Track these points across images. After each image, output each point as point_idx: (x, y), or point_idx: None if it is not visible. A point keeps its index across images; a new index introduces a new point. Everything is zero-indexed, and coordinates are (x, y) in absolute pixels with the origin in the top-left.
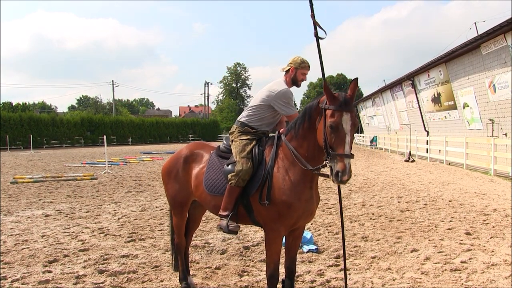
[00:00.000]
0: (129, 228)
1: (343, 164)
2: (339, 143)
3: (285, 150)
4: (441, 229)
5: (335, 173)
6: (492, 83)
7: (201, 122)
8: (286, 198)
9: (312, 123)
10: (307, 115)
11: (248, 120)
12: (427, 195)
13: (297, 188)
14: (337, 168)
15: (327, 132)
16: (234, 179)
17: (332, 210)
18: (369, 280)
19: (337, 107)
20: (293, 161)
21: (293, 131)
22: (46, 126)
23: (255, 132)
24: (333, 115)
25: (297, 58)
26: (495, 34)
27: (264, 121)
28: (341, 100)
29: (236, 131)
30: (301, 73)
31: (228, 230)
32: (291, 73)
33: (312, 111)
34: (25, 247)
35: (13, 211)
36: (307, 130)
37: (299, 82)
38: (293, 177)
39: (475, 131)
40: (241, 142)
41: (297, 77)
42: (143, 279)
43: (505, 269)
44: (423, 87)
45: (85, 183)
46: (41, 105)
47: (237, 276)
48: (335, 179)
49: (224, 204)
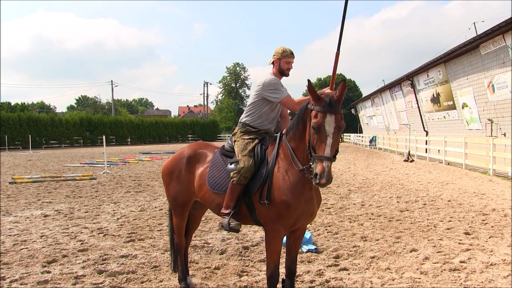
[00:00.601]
0: (128, 228)
1: (322, 167)
2: (320, 145)
3: (285, 150)
4: (440, 229)
5: (314, 175)
6: (491, 83)
7: (200, 122)
8: (285, 198)
9: (305, 124)
10: (300, 116)
11: (248, 120)
12: (426, 195)
13: (296, 188)
14: (316, 170)
15: (310, 133)
16: (236, 176)
17: (331, 210)
18: (368, 280)
19: (321, 108)
20: (292, 161)
21: (292, 132)
22: (45, 126)
23: (257, 131)
24: (317, 116)
25: (279, 49)
26: (494, 35)
27: (263, 117)
28: (326, 101)
29: (239, 132)
30: (285, 62)
31: (229, 228)
32: (276, 65)
33: (303, 112)
34: (24, 248)
35: (11, 211)
36: (301, 131)
37: (285, 72)
38: (292, 177)
39: (474, 131)
40: (243, 142)
41: (282, 67)
42: (142, 279)
43: (504, 269)
44: (422, 87)
45: (84, 183)
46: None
47: (236, 276)
48: (314, 181)
49: (226, 202)
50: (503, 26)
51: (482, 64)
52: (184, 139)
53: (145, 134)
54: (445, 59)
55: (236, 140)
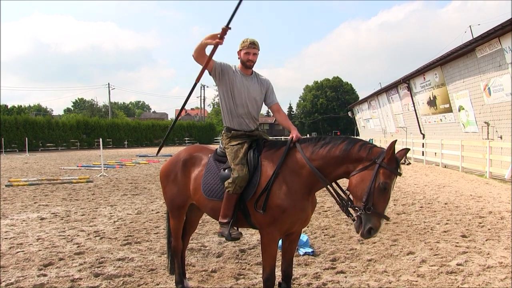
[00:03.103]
0: (125, 231)
1: (379, 224)
2: (383, 203)
3: (295, 158)
4: (437, 232)
5: (368, 229)
6: (487, 86)
7: (197, 125)
8: (281, 203)
9: (346, 159)
10: (344, 150)
11: (226, 121)
12: (423, 197)
13: (294, 196)
14: (371, 225)
15: (375, 189)
16: (231, 186)
17: (328, 213)
18: (365, 283)
19: (393, 170)
20: (297, 170)
21: (312, 147)
22: (41, 128)
23: (243, 134)
24: (388, 177)
25: (242, 40)
26: (489, 38)
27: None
28: (397, 164)
29: (225, 137)
30: (244, 53)
31: (231, 238)
32: (238, 56)
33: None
34: (20, 251)
35: (8, 214)
36: (333, 157)
37: (246, 63)
38: (292, 185)
39: (471, 134)
40: (232, 149)
41: (242, 58)
42: (138, 282)
43: (500, 272)
44: (418, 90)
45: (80, 186)
46: (36, 108)
47: (233, 279)
48: (366, 234)
49: (223, 211)
50: (498, 29)
51: (478, 67)
52: (181, 142)
53: (142, 137)
54: (441, 62)
55: (225, 147)
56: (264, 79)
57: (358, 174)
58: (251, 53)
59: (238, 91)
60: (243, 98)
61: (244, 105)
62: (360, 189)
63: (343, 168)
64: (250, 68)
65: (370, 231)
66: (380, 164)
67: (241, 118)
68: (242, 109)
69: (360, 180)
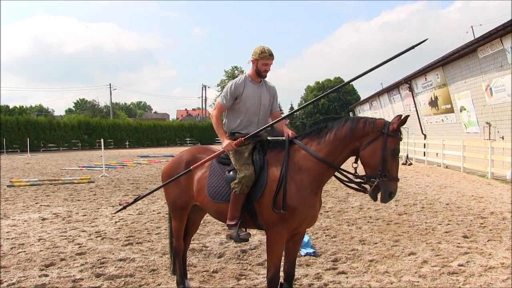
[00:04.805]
0: (126, 232)
1: (396, 187)
2: (395, 168)
3: (298, 154)
4: (438, 232)
5: (389, 193)
6: (488, 87)
7: (198, 126)
8: (291, 202)
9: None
10: (349, 129)
11: (230, 127)
12: (424, 198)
13: (303, 192)
14: (391, 189)
15: (388, 156)
16: (237, 186)
17: (329, 214)
18: (366, 283)
19: (399, 137)
20: (303, 165)
21: (317, 138)
22: (43, 129)
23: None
24: (396, 143)
25: (257, 49)
26: (491, 38)
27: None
28: (400, 131)
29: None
30: (262, 63)
31: (239, 240)
32: (254, 65)
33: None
34: (21, 251)
35: (9, 214)
36: (339, 139)
37: (262, 73)
38: (301, 182)
39: (472, 134)
40: (235, 151)
41: (260, 68)
42: (140, 282)
43: (502, 272)
44: (420, 91)
45: (82, 186)
46: (38, 108)
47: (234, 279)
48: (387, 198)
49: (231, 212)
50: (500, 29)
51: (479, 67)
52: (182, 143)
53: (143, 138)
54: (443, 62)
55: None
56: (271, 86)
57: (368, 147)
58: (269, 64)
59: (251, 101)
60: (256, 106)
61: (257, 113)
62: (374, 159)
63: (350, 147)
64: (264, 78)
65: (390, 194)
66: (387, 133)
67: (253, 124)
68: (255, 117)
69: (372, 151)
